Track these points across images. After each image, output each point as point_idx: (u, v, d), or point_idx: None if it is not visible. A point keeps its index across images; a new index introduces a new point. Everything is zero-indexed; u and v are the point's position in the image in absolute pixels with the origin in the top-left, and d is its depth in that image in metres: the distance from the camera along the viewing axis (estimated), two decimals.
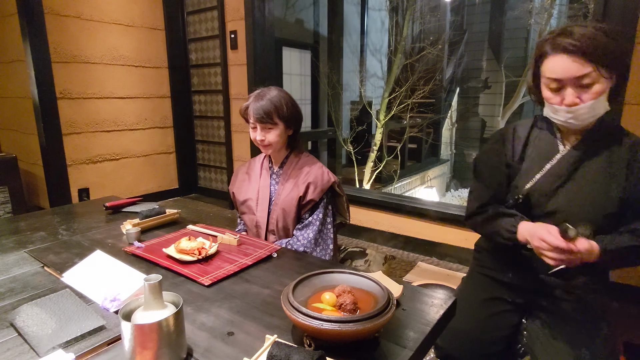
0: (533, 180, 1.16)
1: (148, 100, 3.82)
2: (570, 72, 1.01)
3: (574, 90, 1.03)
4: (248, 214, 1.57)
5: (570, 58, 1.00)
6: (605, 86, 1.02)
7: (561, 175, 1.12)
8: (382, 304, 0.80)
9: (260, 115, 1.41)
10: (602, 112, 1.05)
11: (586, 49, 0.98)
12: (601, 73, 0.99)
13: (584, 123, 1.07)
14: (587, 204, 1.08)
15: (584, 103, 1.02)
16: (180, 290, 1.07)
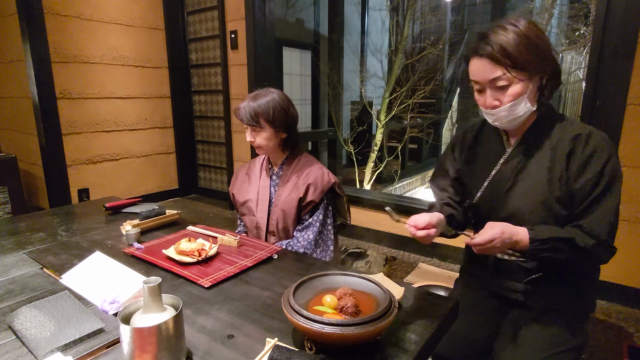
0: (482, 189, 1.17)
1: (148, 101, 3.81)
2: (484, 75, 1.02)
3: (492, 93, 1.04)
4: (248, 215, 1.56)
5: (482, 61, 1.01)
6: (523, 87, 1.01)
7: (507, 179, 1.12)
8: (384, 307, 0.79)
9: (247, 117, 1.43)
10: (523, 113, 1.04)
11: (495, 54, 0.98)
12: (514, 76, 0.99)
13: (510, 124, 1.07)
14: (537, 204, 1.06)
15: (502, 105, 1.03)
16: (180, 292, 1.06)
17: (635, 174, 1.96)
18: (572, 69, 5.53)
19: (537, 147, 1.09)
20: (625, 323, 1.91)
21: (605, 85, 1.96)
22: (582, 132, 1.03)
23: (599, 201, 0.99)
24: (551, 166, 1.05)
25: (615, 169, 1.00)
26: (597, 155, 1.00)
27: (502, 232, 0.98)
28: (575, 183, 1.01)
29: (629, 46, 1.87)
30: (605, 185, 0.99)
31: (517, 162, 1.11)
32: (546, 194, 1.04)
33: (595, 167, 0.99)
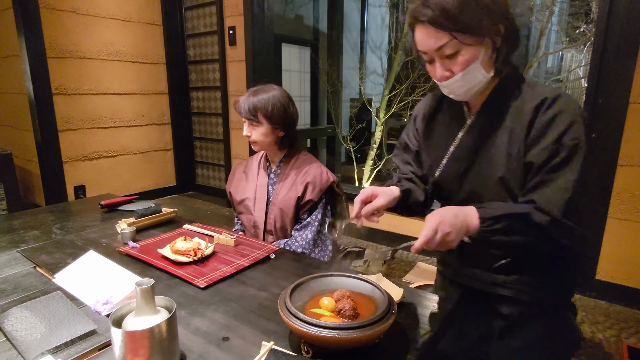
0: (440, 167, 1.06)
1: (145, 97, 3.78)
2: (429, 44, 0.89)
3: (441, 63, 0.92)
4: (245, 214, 1.54)
5: (426, 29, 0.88)
6: (475, 53, 0.88)
7: (465, 156, 1.01)
8: (383, 309, 0.78)
9: (245, 111, 1.42)
10: (478, 82, 0.92)
11: (437, 18, 0.85)
12: (462, 41, 0.86)
13: (467, 95, 0.95)
14: (494, 183, 0.95)
15: (454, 75, 0.91)
16: (175, 293, 1.05)
17: (637, 172, 1.94)
18: (572, 67, 5.51)
19: (498, 118, 0.96)
20: (625, 324, 1.90)
21: (608, 84, 1.94)
22: (548, 96, 0.89)
23: (555, 174, 0.86)
24: (510, 139, 0.93)
25: (577, 137, 0.85)
26: (558, 121, 0.87)
27: (440, 220, 0.83)
28: (531, 152, 0.89)
29: (631, 45, 1.85)
30: (565, 156, 0.85)
31: (477, 135, 0.99)
32: (504, 171, 0.93)
33: (554, 134, 0.86)
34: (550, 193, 0.86)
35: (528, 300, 1.03)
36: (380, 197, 0.97)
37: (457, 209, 0.88)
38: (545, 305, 1.04)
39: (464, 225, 0.86)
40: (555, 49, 5.94)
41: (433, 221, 0.83)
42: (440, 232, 0.82)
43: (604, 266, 2.10)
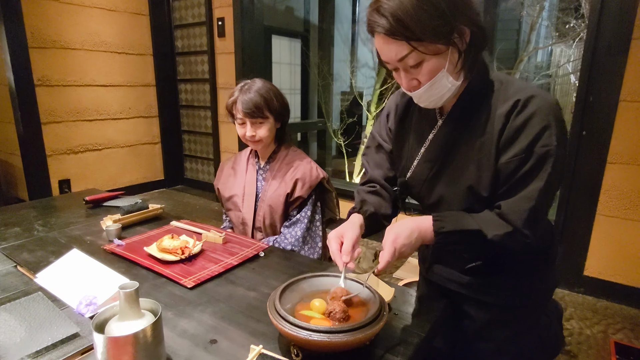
0: (411, 170, 1.02)
1: (132, 89, 3.70)
2: (390, 56, 0.83)
3: (406, 73, 0.86)
4: (234, 211, 1.51)
5: (384, 39, 0.81)
6: (439, 62, 0.82)
7: (435, 160, 0.97)
8: (374, 311, 0.76)
9: (251, 109, 1.35)
10: (447, 91, 0.87)
11: (394, 29, 0.78)
12: (423, 51, 0.80)
13: (439, 103, 0.90)
14: (463, 190, 0.92)
15: (422, 85, 0.86)
16: (161, 293, 1.02)
17: (626, 170, 1.96)
18: (562, 62, 5.55)
19: (468, 120, 0.92)
20: (613, 319, 1.93)
21: (599, 82, 1.94)
22: (521, 98, 0.84)
23: (523, 183, 0.84)
24: (482, 146, 0.89)
25: (547, 144, 0.81)
26: (530, 126, 0.82)
27: (396, 236, 0.86)
28: (501, 159, 0.86)
29: (623, 43, 1.86)
30: (533, 164, 0.82)
31: (447, 137, 0.95)
32: (473, 178, 0.90)
33: (524, 142, 0.82)
34: (514, 202, 0.85)
35: (498, 304, 1.01)
36: (347, 237, 0.91)
37: (413, 224, 0.89)
38: (516, 309, 1.02)
39: (419, 241, 0.89)
40: (545, 44, 5.97)
41: (389, 242, 0.85)
42: (397, 252, 0.85)
43: (592, 263, 2.12)
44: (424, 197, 1.02)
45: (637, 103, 1.87)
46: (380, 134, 1.13)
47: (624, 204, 1.99)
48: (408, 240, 0.86)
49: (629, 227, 1.99)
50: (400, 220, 0.93)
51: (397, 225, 0.90)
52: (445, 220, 0.88)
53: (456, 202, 0.94)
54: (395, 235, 0.86)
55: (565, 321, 1.88)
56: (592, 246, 2.10)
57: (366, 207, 1.03)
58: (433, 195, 0.99)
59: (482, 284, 1.00)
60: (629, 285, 2.04)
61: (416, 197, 1.06)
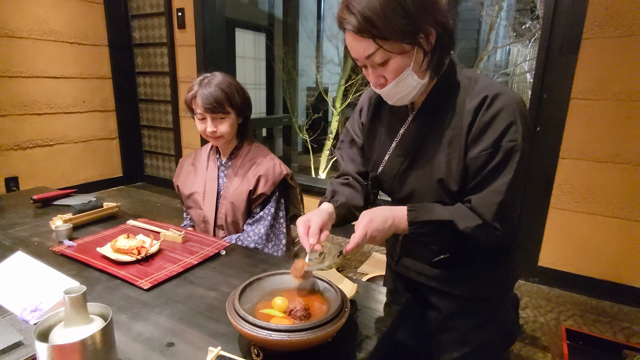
0: (383, 164, 1.04)
1: (86, 81, 3.51)
2: (358, 52, 0.86)
3: (373, 70, 0.89)
4: (195, 209, 1.46)
5: (353, 36, 0.84)
6: (405, 61, 0.85)
7: (406, 154, 0.99)
8: (336, 308, 0.75)
9: (211, 104, 1.30)
10: (412, 89, 0.90)
11: (362, 27, 0.80)
12: (388, 50, 0.83)
13: (405, 101, 0.93)
14: (433, 183, 0.94)
15: (389, 83, 0.89)
16: (115, 296, 0.97)
17: (577, 165, 2.06)
18: (519, 61, 5.79)
19: (438, 116, 0.95)
20: (564, 307, 2.03)
21: (552, 80, 2.03)
22: (489, 94, 0.87)
23: (491, 177, 0.87)
24: (452, 140, 0.92)
25: (514, 139, 0.85)
26: (497, 122, 0.86)
27: (370, 220, 0.87)
28: (469, 154, 0.89)
29: (574, 43, 1.95)
30: (501, 159, 0.86)
31: (417, 132, 0.98)
32: (443, 171, 0.92)
33: (491, 137, 0.86)
34: (484, 195, 0.88)
35: (464, 296, 1.04)
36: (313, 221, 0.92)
37: (389, 212, 0.91)
38: (481, 300, 1.06)
39: (392, 229, 0.91)
40: (503, 44, 6.20)
41: (362, 224, 0.87)
42: (368, 235, 0.87)
43: (545, 253, 2.23)
44: (395, 191, 1.04)
45: (587, 101, 1.97)
46: (354, 129, 1.14)
47: (574, 197, 2.10)
48: (381, 226, 0.88)
49: (579, 220, 2.11)
50: (377, 207, 0.94)
51: (372, 210, 0.92)
52: (419, 210, 0.91)
53: (427, 195, 0.96)
54: (369, 219, 0.88)
55: (521, 310, 1.97)
56: (546, 238, 2.21)
57: (337, 197, 1.04)
58: (404, 189, 1.01)
59: (449, 276, 1.04)
60: (578, 274, 2.16)
61: (387, 191, 1.07)
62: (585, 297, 2.12)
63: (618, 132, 1.94)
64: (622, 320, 1.91)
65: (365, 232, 0.87)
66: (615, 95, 1.91)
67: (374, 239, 0.89)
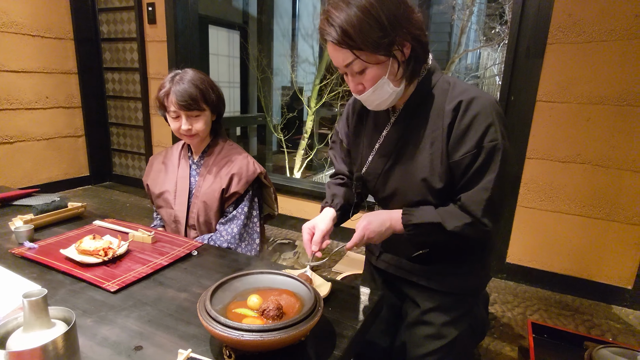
0: (367, 164, 1.10)
1: (49, 76, 3.36)
2: (338, 62, 0.92)
3: (353, 78, 0.95)
4: (165, 208, 1.43)
5: (333, 47, 0.90)
6: (381, 70, 0.91)
7: (389, 155, 1.05)
8: (309, 307, 0.75)
9: (186, 101, 1.27)
10: (389, 96, 0.95)
11: (340, 38, 0.86)
12: (365, 60, 0.88)
13: (383, 106, 0.98)
14: (418, 182, 0.99)
15: (366, 90, 0.94)
16: (80, 299, 0.93)
17: (542, 165, 2.14)
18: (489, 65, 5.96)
19: (419, 120, 1.00)
20: (530, 302, 2.11)
21: (519, 83, 2.10)
22: (464, 99, 0.93)
23: (478, 176, 0.93)
24: (433, 141, 0.97)
25: (494, 139, 0.91)
26: (476, 125, 0.91)
27: (368, 222, 0.98)
28: (454, 157, 0.94)
29: (539, 47, 2.02)
30: (485, 158, 0.91)
31: (399, 133, 1.03)
32: (427, 171, 0.98)
33: (473, 140, 0.91)
34: (473, 193, 0.94)
35: (442, 290, 1.09)
36: (318, 228, 1.03)
37: (386, 215, 1.01)
38: (457, 295, 1.10)
39: (390, 231, 1.01)
40: (474, 47, 6.37)
41: (361, 227, 0.98)
42: (366, 237, 0.98)
43: (513, 250, 2.30)
44: (379, 190, 1.09)
45: (551, 103, 2.05)
46: (341, 131, 1.20)
47: (540, 196, 2.18)
48: (379, 228, 0.98)
49: (544, 217, 2.19)
50: (376, 211, 1.04)
51: (371, 213, 1.01)
52: (412, 214, 0.98)
53: (410, 194, 1.02)
54: (368, 222, 0.98)
55: (490, 306, 2.02)
56: (514, 235, 2.28)
57: (337, 201, 1.13)
58: (387, 188, 1.06)
59: (428, 270, 1.09)
60: (543, 270, 2.24)
61: (371, 190, 1.13)
62: (549, 292, 2.21)
63: (579, 133, 2.02)
64: (583, 314, 2.00)
65: (363, 234, 0.97)
66: (577, 98, 2.00)
67: (371, 240, 0.99)
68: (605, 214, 2.05)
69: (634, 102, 1.90)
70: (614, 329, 1.88)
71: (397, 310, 1.19)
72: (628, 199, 2.00)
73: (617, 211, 2.03)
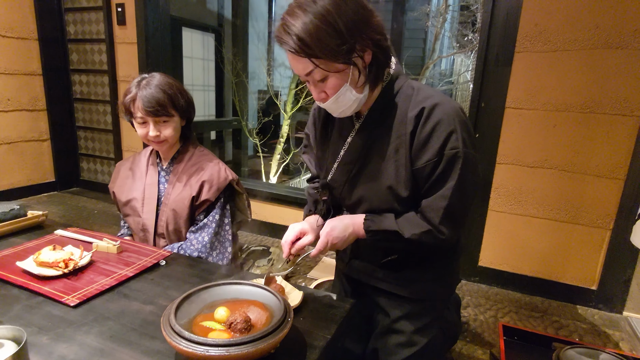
0: (332, 171, 1.08)
1: (11, 77, 3.21)
2: (298, 70, 0.90)
3: (315, 86, 0.93)
4: (133, 216, 1.38)
5: (291, 56, 0.88)
6: (342, 78, 0.88)
7: (354, 162, 1.03)
8: (278, 319, 0.73)
9: (154, 107, 1.23)
10: (352, 103, 0.93)
11: (298, 47, 0.83)
12: (324, 69, 0.86)
13: (347, 113, 0.97)
14: (383, 189, 0.99)
15: (329, 98, 0.92)
16: (36, 315, 0.88)
17: (511, 170, 2.20)
18: (462, 71, 6.10)
19: (383, 127, 0.99)
20: (502, 304, 2.15)
21: (489, 90, 2.15)
22: (426, 106, 0.91)
23: (437, 184, 0.93)
24: (397, 148, 0.96)
25: (455, 147, 0.89)
26: (437, 133, 0.90)
27: (331, 228, 0.99)
28: (416, 164, 0.94)
29: (507, 55, 2.08)
30: (445, 166, 0.91)
31: (364, 140, 1.01)
32: (392, 179, 0.97)
33: (434, 147, 0.90)
34: (432, 201, 0.94)
35: (411, 297, 1.08)
36: (308, 235, 1.04)
37: (349, 220, 1.02)
38: (426, 302, 1.10)
39: (353, 236, 1.02)
40: (447, 53, 6.51)
41: (324, 233, 0.99)
42: (330, 243, 0.99)
43: (485, 254, 2.34)
44: (345, 198, 1.08)
45: (520, 110, 2.11)
46: (312, 134, 1.20)
47: (509, 200, 2.23)
48: (342, 234, 0.99)
49: (514, 221, 2.24)
50: (339, 216, 1.04)
51: (334, 219, 1.01)
52: (372, 220, 1.00)
53: (376, 201, 1.01)
54: (331, 228, 0.99)
55: (463, 309, 2.05)
56: (485, 239, 2.32)
57: (320, 206, 1.14)
58: (353, 195, 1.05)
59: (398, 277, 1.08)
60: (514, 273, 2.29)
61: (337, 198, 1.11)
62: (519, 294, 2.26)
63: (546, 139, 2.09)
64: (551, 315, 2.05)
65: (326, 240, 0.98)
66: (543, 105, 2.06)
67: (335, 246, 1.00)
68: (571, 217, 2.12)
69: (596, 109, 1.97)
70: (581, 329, 1.94)
71: (367, 317, 1.17)
72: (591, 202, 2.07)
73: (581, 214, 2.10)
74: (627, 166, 1.97)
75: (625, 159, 1.97)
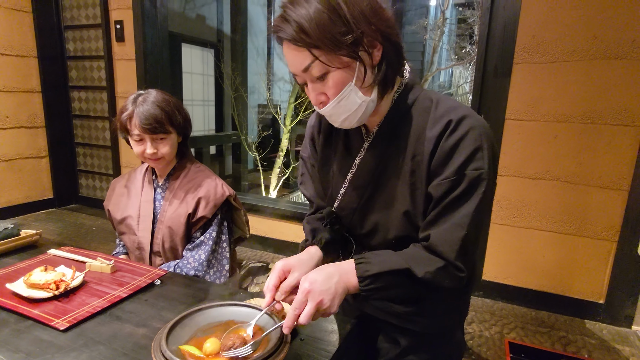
0: (340, 197, 0.94)
1: (10, 95, 3.22)
2: (295, 65, 0.78)
3: (313, 86, 0.80)
4: (128, 234, 1.35)
5: (289, 47, 0.76)
6: (347, 74, 0.76)
7: (365, 186, 0.90)
8: (274, 343, 0.70)
9: (151, 124, 1.21)
10: (358, 107, 0.80)
11: (296, 35, 0.73)
12: (325, 62, 0.75)
13: (352, 122, 0.83)
14: (399, 216, 0.85)
15: (330, 100, 0.79)
16: (24, 340, 0.84)
17: (513, 182, 2.17)
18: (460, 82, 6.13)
19: (398, 143, 0.85)
20: (507, 319, 2.10)
21: (488, 101, 2.14)
22: (453, 118, 0.78)
23: (452, 208, 0.78)
24: (414, 169, 0.83)
25: (480, 167, 0.76)
26: (461, 148, 0.77)
27: (309, 290, 0.73)
28: (432, 182, 0.80)
29: (506, 67, 2.07)
30: (464, 188, 0.76)
31: (375, 161, 0.88)
32: (408, 204, 0.83)
33: (455, 164, 0.77)
34: (445, 230, 0.78)
35: (423, 332, 0.97)
36: (294, 272, 0.80)
37: (332, 267, 0.79)
38: (436, 334, 1.00)
39: (341, 286, 0.77)
40: (446, 65, 6.56)
41: (300, 292, 0.73)
42: (310, 304, 0.72)
43: (489, 268, 2.30)
44: (356, 226, 0.94)
45: (520, 121, 2.10)
46: (308, 160, 1.04)
47: (512, 212, 2.20)
48: (326, 286, 0.74)
49: (517, 234, 2.21)
50: (317, 268, 0.80)
51: (311, 273, 0.76)
52: (369, 261, 0.79)
53: (392, 230, 0.87)
54: (308, 287, 0.73)
55: (467, 325, 2.00)
56: (489, 253, 2.28)
57: (320, 235, 0.94)
58: (366, 224, 0.91)
59: (410, 312, 0.94)
60: (519, 287, 2.25)
61: (347, 226, 0.96)
62: (525, 309, 2.21)
63: (547, 150, 2.07)
64: (559, 330, 2.00)
65: (304, 300, 0.72)
66: (543, 116, 2.05)
67: (321, 304, 0.72)
68: (575, 230, 2.08)
69: (597, 119, 1.96)
70: (589, 344, 1.88)
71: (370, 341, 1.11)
72: (595, 214, 2.04)
73: (586, 227, 2.06)
74: (631, 177, 1.94)
75: (628, 169, 1.95)
